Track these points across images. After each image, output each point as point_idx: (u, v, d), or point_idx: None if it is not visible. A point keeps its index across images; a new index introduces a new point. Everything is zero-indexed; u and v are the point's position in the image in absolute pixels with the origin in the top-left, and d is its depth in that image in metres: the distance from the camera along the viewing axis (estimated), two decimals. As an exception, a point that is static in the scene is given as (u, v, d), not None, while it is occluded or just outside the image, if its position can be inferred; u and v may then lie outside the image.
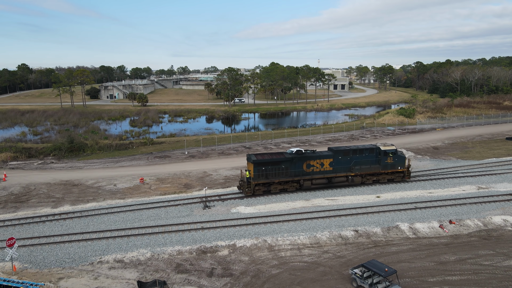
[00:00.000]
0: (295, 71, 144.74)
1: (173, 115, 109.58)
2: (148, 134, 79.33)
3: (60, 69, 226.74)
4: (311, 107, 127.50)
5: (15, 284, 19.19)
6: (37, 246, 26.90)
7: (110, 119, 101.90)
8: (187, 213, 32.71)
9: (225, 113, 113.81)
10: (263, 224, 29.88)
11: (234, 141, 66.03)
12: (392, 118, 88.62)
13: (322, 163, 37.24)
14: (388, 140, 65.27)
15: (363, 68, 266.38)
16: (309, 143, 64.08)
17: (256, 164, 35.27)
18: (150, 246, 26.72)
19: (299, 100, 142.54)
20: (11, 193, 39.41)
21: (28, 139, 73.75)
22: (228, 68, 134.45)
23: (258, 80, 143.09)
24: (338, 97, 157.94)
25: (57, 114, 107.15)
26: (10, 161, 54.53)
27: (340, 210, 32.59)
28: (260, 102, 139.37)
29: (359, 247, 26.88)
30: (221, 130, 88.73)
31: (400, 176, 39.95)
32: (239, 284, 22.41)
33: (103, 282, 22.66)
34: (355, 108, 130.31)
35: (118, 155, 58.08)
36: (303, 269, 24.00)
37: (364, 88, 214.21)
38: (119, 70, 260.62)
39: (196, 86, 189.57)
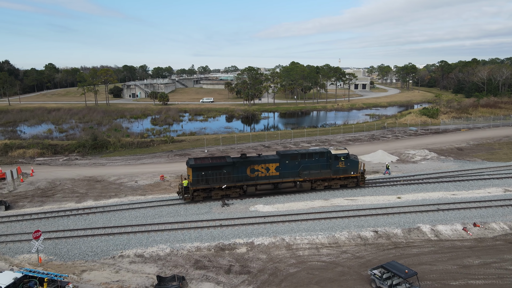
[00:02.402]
0: (315, 71, 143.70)
1: (193, 114, 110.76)
2: (169, 132, 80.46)
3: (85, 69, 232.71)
4: (331, 107, 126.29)
5: (40, 275, 19.86)
6: (62, 239, 27.75)
7: (132, 118, 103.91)
8: (206, 211, 33.02)
9: (245, 112, 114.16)
10: (281, 222, 29.84)
11: (253, 140, 66.17)
12: (415, 118, 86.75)
13: (267, 168, 35.37)
14: (410, 141, 63.99)
15: (385, 68, 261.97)
16: (328, 143, 63.52)
17: (195, 168, 33.74)
18: (170, 242, 27.12)
19: (319, 100, 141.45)
20: (37, 188, 40.78)
21: (54, 136, 76.20)
22: (248, 67, 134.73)
23: (278, 79, 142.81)
24: (359, 97, 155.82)
25: (81, 112, 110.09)
26: (37, 157, 56.41)
27: (359, 210, 32.18)
28: (280, 101, 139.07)
29: (379, 248, 26.48)
30: (240, 129, 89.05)
31: (354, 181, 37.78)
32: (256, 281, 22.47)
33: (123, 276, 23.17)
34: (376, 108, 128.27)
35: (140, 152, 59.16)
36: (321, 268, 23.85)
37: (386, 88, 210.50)
38: (141, 69, 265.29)
39: (216, 85, 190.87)
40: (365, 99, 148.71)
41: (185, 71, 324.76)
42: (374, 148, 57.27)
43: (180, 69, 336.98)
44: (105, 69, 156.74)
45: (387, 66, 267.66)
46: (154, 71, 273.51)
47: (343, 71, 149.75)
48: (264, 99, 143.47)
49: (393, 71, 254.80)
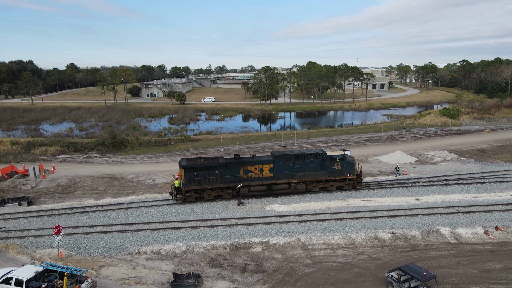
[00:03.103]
0: (332, 70, 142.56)
1: (210, 113, 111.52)
2: (186, 131, 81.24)
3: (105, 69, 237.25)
4: (349, 107, 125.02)
5: (60, 269, 20.34)
6: (81, 234, 28.38)
7: (150, 117, 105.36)
8: (221, 209, 33.17)
9: (261, 111, 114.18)
10: (297, 222, 29.71)
11: (269, 139, 66.12)
12: (435, 119, 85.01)
13: (261, 169, 34.83)
14: (430, 142, 62.75)
15: (404, 67, 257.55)
16: (345, 143, 62.90)
17: (187, 169, 33.38)
18: (186, 240, 27.37)
19: (336, 100, 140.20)
20: (58, 185, 41.80)
21: (75, 134, 78.01)
22: (265, 67, 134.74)
23: (295, 79, 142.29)
24: (377, 97, 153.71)
25: (101, 111, 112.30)
26: (58, 154, 57.84)
27: (376, 211, 31.73)
28: (297, 101, 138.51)
29: (396, 250, 26.06)
30: (257, 129, 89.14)
31: (350, 183, 37.03)
32: (271, 281, 22.44)
33: (140, 272, 23.51)
34: (395, 108, 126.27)
35: (157, 151, 59.92)
36: (337, 269, 23.63)
37: (405, 88, 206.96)
38: (159, 69, 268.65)
39: (233, 85, 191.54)
40: (383, 99, 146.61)
41: (202, 71, 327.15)
42: (392, 148, 56.40)
43: (197, 68, 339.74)
44: (124, 69, 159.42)
45: (406, 66, 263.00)
46: (172, 70, 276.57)
47: (361, 71, 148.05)
48: (281, 98, 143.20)
49: (413, 70, 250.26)
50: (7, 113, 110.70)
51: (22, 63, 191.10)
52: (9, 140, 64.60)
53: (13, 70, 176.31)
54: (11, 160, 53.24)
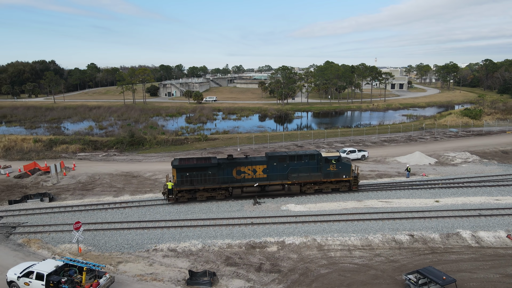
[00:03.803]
0: (350, 70, 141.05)
1: (227, 113, 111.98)
2: (203, 130, 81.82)
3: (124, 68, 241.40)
4: (366, 107, 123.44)
5: (79, 264, 20.77)
6: (100, 231, 28.91)
7: (167, 116, 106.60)
8: (237, 208, 33.24)
9: (278, 111, 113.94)
10: (313, 222, 29.50)
11: (286, 139, 65.92)
12: (455, 119, 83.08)
13: (254, 170, 34.37)
14: (450, 143, 61.35)
15: (424, 67, 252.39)
16: (363, 143, 62.13)
17: (179, 169, 33.14)
18: (202, 238, 27.54)
19: (354, 100, 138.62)
20: (78, 182, 42.73)
21: (95, 132, 79.61)
22: (282, 66, 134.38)
23: (312, 78, 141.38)
24: (396, 97, 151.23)
25: (120, 110, 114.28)
26: (79, 152, 59.15)
27: (394, 213, 31.20)
28: (314, 101, 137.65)
29: (414, 252, 25.56)
30: (273, 128, 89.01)
31: (346, 185, 36.36)
32: (287, 281, 22.35)
33: (157, 269, 23.78)
34: (414, 108, 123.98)
35: (174, 149, 60.54)
36: (353, 271, 23.35)
37: (425, 88, 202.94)
38: (177, 69, 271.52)
39: (250, 84, 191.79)
40: (402, 99, 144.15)
41: (220, 71, 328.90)
42: (410, 149, 55.39)
43: (214, 68, 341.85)
44: (142, 68, 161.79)
45: (426, 65, 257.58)
46: (190, 70, 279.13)
47: (379, 71, 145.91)
48: (298, 98, 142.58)
49: (433, 70, 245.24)
50: (31, 112, 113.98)
51: (45, 63, 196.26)
52: (32, 138, 66.48)
53: (37, 70, 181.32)
54: (34, 157, 54.75)
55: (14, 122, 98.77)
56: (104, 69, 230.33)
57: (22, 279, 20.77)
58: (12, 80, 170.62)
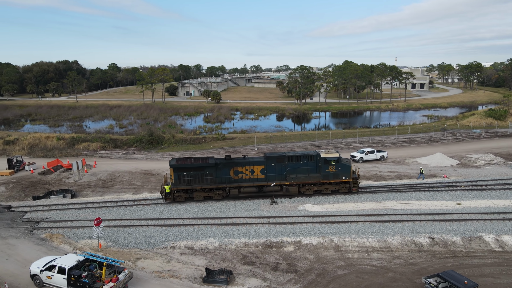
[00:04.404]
0: (369, 69, 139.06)
1: (245, 112, 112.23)
2: (220, 129, 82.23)
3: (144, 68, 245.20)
4: (386, 107, 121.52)
5: (99, 259, 21.22)
6: (119, 227, 29.46)
7: (185, 115, 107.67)
8: (254, 208, 33.27)
9: (296, 111, 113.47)
10: (330, 223, 29.25)
11: (303, 139, 65.59)
12: (479, 120, 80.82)
13: (252, 170, 34.03)
14: (473, 144, 59.73)
15: (446, 66, 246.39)
16: (382, 144, 61.20)
17: (176, 169, 33.11)
18: (218, 236, 27.70)
19: (373, 100, 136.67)
20: (99, 179, 43.65)
21: (115, 131, 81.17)
22: (300, 66, 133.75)
23: (331, 78, 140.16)
24: (416, 97, 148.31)
25: (139, 109, 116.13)
26: (100, 150, 60.43)
27: (414, 215, 30.60)
28: (332, 100, 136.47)
29: (435, 255, 25.00)
30: (291, 128, 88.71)
31: (346, 187, 35.62)
32: (303, 281, 22.23)
33: (174, 266, 24.06)
34: (435, 108, 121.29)
35: (192, 148, 61.09)
36: (371, 272, 23.02)
37: (447, 88, 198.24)
38: (195, 68, 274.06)
39: (267, 84, 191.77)
40: (423, 99, 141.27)
41: (238, 70, 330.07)
42: (431, 150, 54.22)
43: (232, 68, 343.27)
44: (162, 68, 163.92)
45: (449, 65, 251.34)
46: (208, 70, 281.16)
47: (400, 70, 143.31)
48: (316, 98, 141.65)
49: (455, 70, 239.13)
50: (54, 110, 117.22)
51: (68, 63, 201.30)
52: (55, 136, 68.32)
53: (60, 70, 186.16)
54: (57, 154, 56.26)
55: (39, 120, 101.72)
56: (124, 69, 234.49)
57: (44, 272, 21.37)
58: (37, 79, 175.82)
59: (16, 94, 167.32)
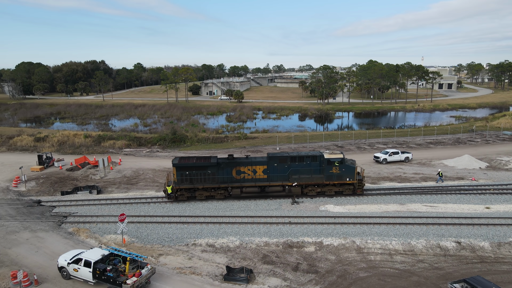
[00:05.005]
0: (395, 69, 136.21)
1: (267, 112, 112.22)
2: (242, 129, 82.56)
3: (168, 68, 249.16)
4: (411, 107, 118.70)
5: (123, 254, 21.72)
6: (143, 224, 30.07)
7: (208, 114, 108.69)
8: (275, 207, 33.22)
9: (318, 111, 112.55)
10: (352, 224, 28.84)
11: (326, 139, 64.97)
12: (510, 122, 77.76)
13: (254, 170, 33.72)
14: (504, 147, 57.51)
15: (475, 66, 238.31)
16: (407, 145, 59.84)
17: (179, 168, 33.10)
18: (239, 235, 27.81)
19: (398, 100, 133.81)
20: (124, 176, 44.68)
21: (139, 129, 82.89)
22: (323, 66, 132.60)
23: (354, 78, 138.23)
24: (444, 97, 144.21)
25: (163, 108, 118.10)
26: (124, 148, 61.85)
27: (439, 218, 29.75)
28: (355, 101, 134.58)
29: (461, 260, 24.23)
30: (313, 128, 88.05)
31: (350, 188, 34.90)
32: (324, 282, 22.02)
33: (195, 263, 24.33)
34: (464, 109, 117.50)
35: (214, 147, 61.60)
36: (394, 276, 22.55)
37: (476, 88, 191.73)
38: (218, 68, 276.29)
39: (290, 84, 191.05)
40: (450, 99, 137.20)
41: (260, 70, 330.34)
42: (459, 152, 52.57)
43: (255, 68, 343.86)
44: (185, 68, 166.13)
45: (478, 64, 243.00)
46: (231, 69, 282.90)
47: (426, 70, 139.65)
48: (339, 98, 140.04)
49: (485, 69, 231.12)
50: (82, 109, 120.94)
51: (95, 63, 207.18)
52: (83, 134, 70.45)
53: (88, 70, 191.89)
54: (84, 151, 57.98)
55: (67, 118, 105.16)
56: (149, 69, 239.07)
57: (71, 265, 22.07)
58: (66, 79, 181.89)
59: (47, 93, 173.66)
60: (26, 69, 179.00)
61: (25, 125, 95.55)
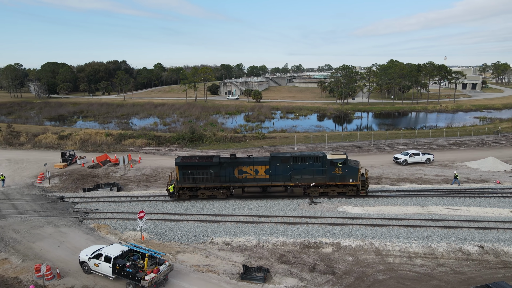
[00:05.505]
0: (416, 69, 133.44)
1: (285, 112, 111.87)
2: (260, 129, 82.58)
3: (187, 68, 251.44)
4: (433, 108, 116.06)
5: (142, 250, 22.09)
6: (161, 221, 30.49)
7: (227, 114, 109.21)
8: (293, 207, 33.11)
9: (337, 111, 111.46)
10: (371, 226, 28.44)
11: (344, 139, 64.28)
12: (538, 123, 74.98)
13: (256, 170, 33.59)
14: (530, 148, 55.48)
15: (501, 65, 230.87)
16: (428, 146, 58.56)
17: (181, 167, 33.17)
18: (256, 234, 27.85)
19: (419, 100, 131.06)
20: (143, 174, 45.41)
21: (159, 128, 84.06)
22: (342, 65, 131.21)
23: (374, 78, 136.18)
24: (467, 98, 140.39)
25: (182, 107, 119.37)
26: (144, 146, 62.85)
27: (462, 221, 29.00)
28: (375, 101, 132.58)
29: (484, 265, 23.55)
30: (331, 128, 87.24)
31: (353, 190, 34.37)
32: (341, 283, 21.80)
33: (213, 261, 24.51)
34: (488, 110, 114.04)
35: (232, 147, 61.84)
36: (413, 279, 22.12)
37: (502, 88, 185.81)
38: (237, 68, 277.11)
39: (309, 83, 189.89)
40: (474, 100, 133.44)
41: (279, 70, 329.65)
42: (483, 154, 51.07)
43: (274, 67, 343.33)
44: (204, 68, 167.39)
45: (504, 64, 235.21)
46: (249, 69, 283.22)
47: (449, 69, 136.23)
48: (358, 98, 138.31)
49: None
50: (104, 108, 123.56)
51: (117, 63, 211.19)
52: (104, 132, 71.99)
53: (110, 69, 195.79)
54: (105, 149, 59.23)
55: (90, 117, 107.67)
56: (169, 68, 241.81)
57: (92, 260, 22.60)
58: (88, 78, 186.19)
59: (70, 92, 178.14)
60: (51, 69, 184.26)
61: (50, 123, 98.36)
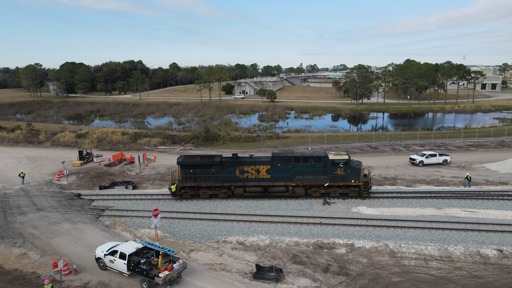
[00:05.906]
0: (433, 69, 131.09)
1: (299, 112, 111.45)
2: (274, 128, 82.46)
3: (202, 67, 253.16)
4: (451, 108, 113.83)
5: (157, 248, 22.34)
6: (175, 219, 30.77)
7: (241, 113, 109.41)
8: (306, 207, 32.97)
9: (352, 111, 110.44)
10: (386, 227, 28.08)
11: (359, 140, 63.65)
12: (561, 124, 72.73)
13: (258, 170, 33.55)
14: (553, 150, 53.87)
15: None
16: (445, 147, 57.47)
17: (183, 166, 33.32)
18: (269, 234, 27.83)
19: (437, 100, 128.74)
20: (158, 172, 45.90)
21: (174, 128, 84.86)
22: (358, 65, 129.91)
23: (390, 78, 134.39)
24: (486, 98, 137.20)
25: (197, 107, 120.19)
26: (159, 145, 63.53)
27: (480, 224, 28.38)
28: (391, 101, 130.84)
29: (503, 269, 22.98)
30: (346, 129, 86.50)
31: (356, 191, 34.07)
32: (355, 285, 21.60)
33: (226, 260, 24.60)
34: (509, 111, 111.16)
35: (246, 146, 61.93)
36: (429, 282, 21.74)
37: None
38: (251, 68, 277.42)
39: (323, 83, 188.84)
40: (494, 100, 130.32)
41: (293, 70, 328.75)
42: (503, 156, 49.86)
43: (288, 67, 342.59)
44: (219, 67, 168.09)
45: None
46: (264, 69, 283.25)
47: (468, 69, 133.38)
48: (373, 98, 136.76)
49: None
50: (120, 107, 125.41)
51: (133, 62, 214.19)
52: (120, 131, 73.10)
53: (126, 69, 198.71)
54: (121, 148, 60.11)
55: (106, 116, 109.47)
56: (184, 68, 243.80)
57: (107, 256, 22.97)
58: (105, 78, 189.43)
59: (88, 92, 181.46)
60: (69, 69, 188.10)
61: (68, 122, 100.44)
